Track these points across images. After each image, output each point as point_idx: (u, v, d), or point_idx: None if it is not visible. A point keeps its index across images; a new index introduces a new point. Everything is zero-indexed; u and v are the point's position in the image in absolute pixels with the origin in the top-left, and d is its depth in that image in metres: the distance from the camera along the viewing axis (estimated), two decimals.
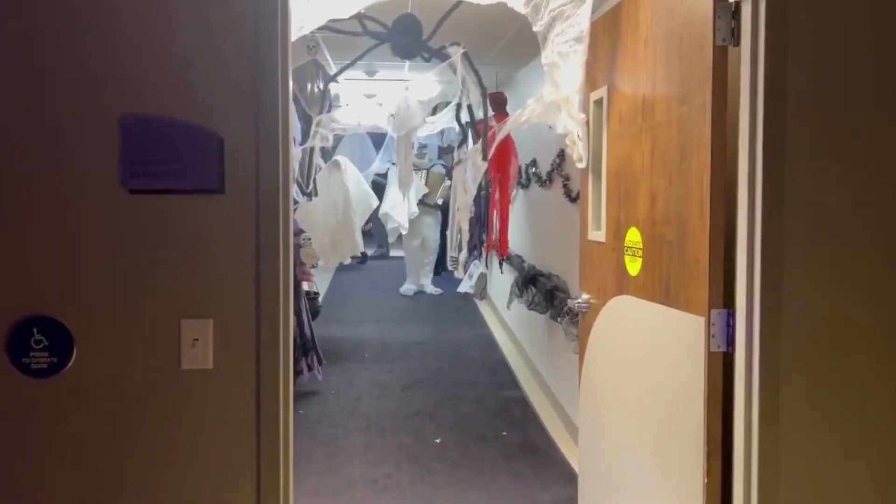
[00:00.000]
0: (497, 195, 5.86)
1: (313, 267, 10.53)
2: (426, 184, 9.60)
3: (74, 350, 1.83)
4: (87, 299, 1.82)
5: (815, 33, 1.91)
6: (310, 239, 5.94)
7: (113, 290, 1.82)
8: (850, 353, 1.96)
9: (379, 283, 10.83)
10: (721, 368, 2.11)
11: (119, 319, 1.83)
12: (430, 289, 9.76)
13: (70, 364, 1.83)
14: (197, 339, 1.83)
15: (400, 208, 8.09)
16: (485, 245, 6.30)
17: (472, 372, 6.32)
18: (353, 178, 6.19)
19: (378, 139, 8.25)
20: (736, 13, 2.02)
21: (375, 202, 6.73)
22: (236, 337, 1.85)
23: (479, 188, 4.67)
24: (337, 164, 6.03)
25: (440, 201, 9.45)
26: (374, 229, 11.26)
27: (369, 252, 11.91)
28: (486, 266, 6.70)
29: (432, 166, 10.04)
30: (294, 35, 2.13)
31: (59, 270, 1.81)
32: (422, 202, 8.90)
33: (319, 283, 10.12)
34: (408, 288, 9.78)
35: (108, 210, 1.82)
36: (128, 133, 1.81)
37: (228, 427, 1.86)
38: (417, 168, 8.71)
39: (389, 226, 8.62)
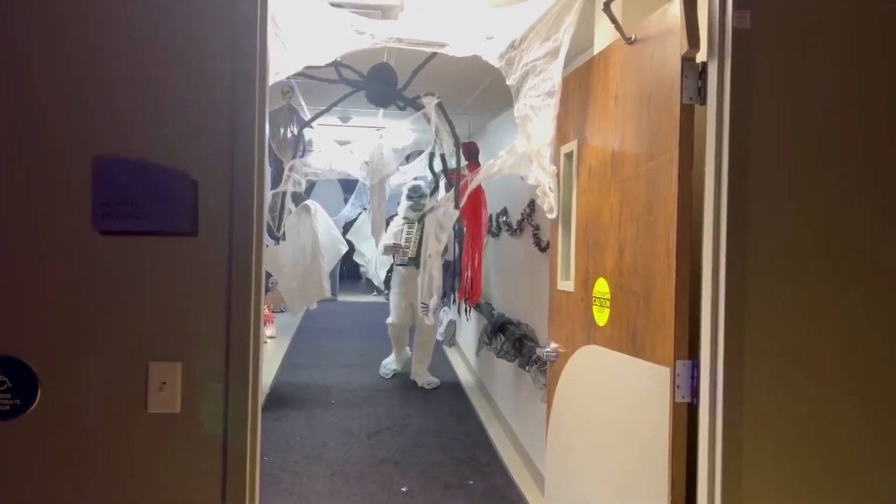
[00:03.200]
0: (469, 244, 5.90)
1: (280, 311, 10.48)
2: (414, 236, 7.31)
3: (39, 392, 1.80)
4: (54, 340, 1.80)
5: (779, 93, 1.98)
6: (276, 282, 5.93)
7: (80, 331, 1.81)
8: (815, 405, 1.99)
9: (344, 326, 10.77)
10: (685, 419, 2.13)
11: (86, 361, 1.81)
12: (427, 379, 7.29)
13: (34, 406, 1.80)
14: (165, 383, 1.81)
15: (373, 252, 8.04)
16: (457, 292, 6.34)
17: (440, 419, 6.27)
18: (323, 223, 6.20)
19: (348, 186, 8.30)
20: (703, 73, 2.09)
21: (344, 248, 6.74)
22: (205, 381, 1.83)
23: (451, 236, 4.71)
24: (307, 209, 6.04)
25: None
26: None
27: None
28: (459, 313, 6.72)
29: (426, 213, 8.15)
30: (270, 80, 2.16)
31: (25, 311, 1.79)
32: (411, 259, 7.18)
33: (284, 328, 10.05)
34: (389, 367, 7.66)
35: (78, 251, 1.81)
36: (100, 174, 1.81)
37: (194, 473, 1.83)
38: (409, 221, 7.25)
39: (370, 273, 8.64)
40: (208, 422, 1.84)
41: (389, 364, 7.75)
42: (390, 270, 7.75)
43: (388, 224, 7.34)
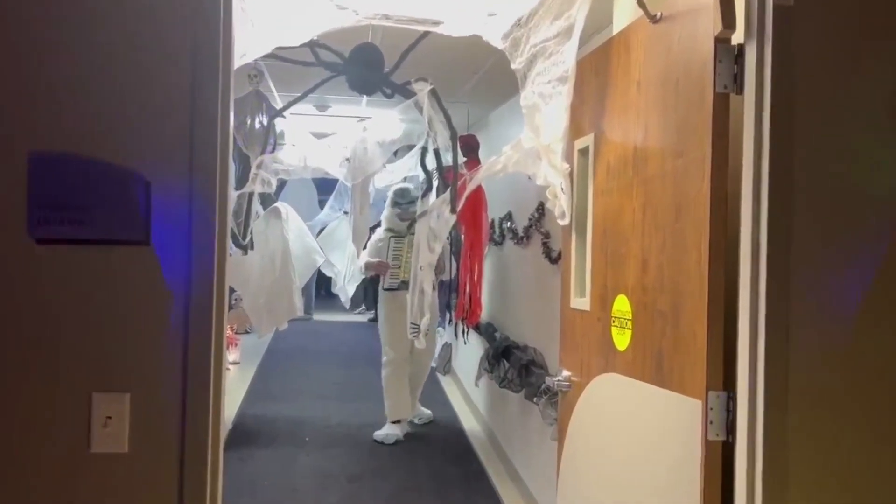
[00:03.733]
0: (468, 254, 5.91)
1: (245, 332, 10.48)
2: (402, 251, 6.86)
3: None
4: None
5: (827, 79, 1.99)
6: (240, 298, 5.92)
7: (11, 356, 1.80)
8: (869, 444, 2.00)
9: (320, 350, 10.77)
10: (719, 460, 2.14)
11: (18, 392, 1.80)
12: (417, 412, 7.20)
13: None
14: (110, 418, 1.81)
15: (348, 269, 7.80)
16: (454, 311, 6.31)
17: (433, 459, 6.26)
18: (296, 229, 6.19)
19: (326, 186, 8.29)
20: (739, 57, 2.10)
21: (321, 258, 6.72)
22: (158, 415, 1.83)
23: (447, 247, 4.72)
24: (277, 212, 6.03)
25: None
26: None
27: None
28: (457, 335, 6.66)
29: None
30: (235, 62, 2.17)
31: None
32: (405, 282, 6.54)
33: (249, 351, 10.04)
34: (389, 433, 6.66)
35: (10, 261, 1.81)
36: (37, 173, 1.81)
37: None
38: (396, 234, 6.79)
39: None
40: (161, 463, 1.83)
41: (391, 433, 6.64)
42: (369, 286, 7.59)
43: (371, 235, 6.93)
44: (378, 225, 7.18)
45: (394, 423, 6.72)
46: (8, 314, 1.81)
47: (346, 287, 7.64)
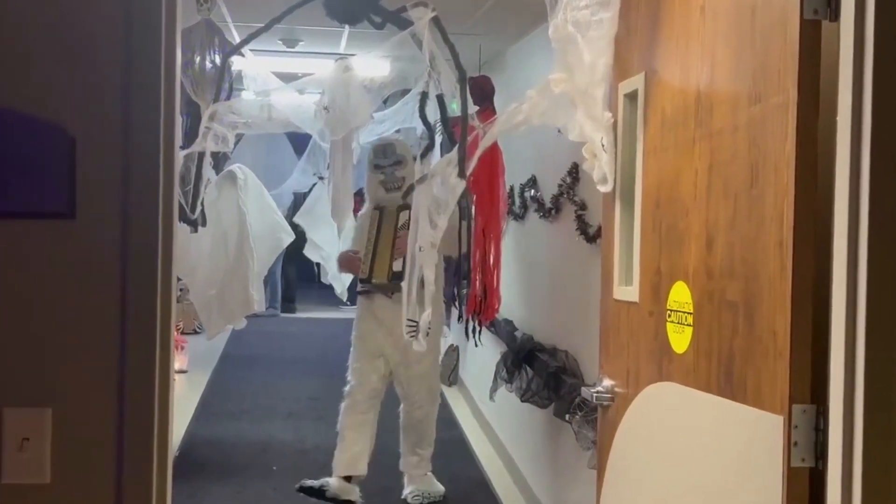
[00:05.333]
0: (482, 230, 5.90)
1: (194, 332, 10.51)
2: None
3: None
4: None
5: None
6: (185, 289, 5.93)
7: None
8: None
9: (290, 355, 10.80)
10: (806, 492, 2.15)
11: None
12: (426, 488, 6.17)
13: None
14: (27, 439, 1.82)
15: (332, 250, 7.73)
16: (464, 304, 6.26)
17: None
18: (256, 199, 6.19)
19: (299, 143, 8.27)
20: None
21: (288, 237, 6.71)
22: (87, 435, 1.84)
23: (458, 219, 4.72)
24: (232, 178, 6.03)
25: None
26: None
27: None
28: (467, 335, 6.58)
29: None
30: None
31: None
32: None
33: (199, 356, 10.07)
34: (328, 488, 6.04)
35: None
36: None
37: None
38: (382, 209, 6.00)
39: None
40: (92, 497, 1.84)
41: (332, 490, 6.00)
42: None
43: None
44: (361, 194, 6.74)
45: (343, 478, 6.01)
46: None
47: (340, 275, 7.62)
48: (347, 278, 7.09)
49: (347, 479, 5.94)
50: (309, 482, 5.86)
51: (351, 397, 6.12)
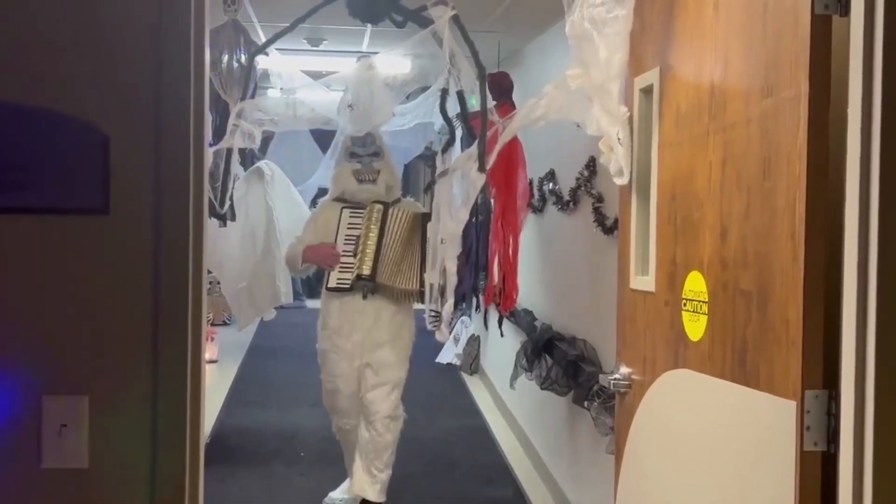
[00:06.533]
0: (500, 223, 5.91)
1: (224, 323, 10.55)
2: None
3: None
4: None
5: None
6: (216, 282, 5.95)
7: None
8: None
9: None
10: (819, 475, 2.15)
11: None
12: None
13: None
14: (65, 426, 1.84)
15: None
16: (482, 294, 6.25)
17: (457, 481, 6.32)
18: (283, 194, 6.21)
19: (323, 141, 8.28)
20: None
21: None
22: (123, 422, 1.86)
23: (474, 213, 4.71)
24: (259, 174, 6.05)
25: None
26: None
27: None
28: (487, 325, 6.55)
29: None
30: None
31: None
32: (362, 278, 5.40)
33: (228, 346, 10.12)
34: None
35: None
36: None
37: None
38: (353, 206, 5.47)
39: None
40: (128, 481, 1.87)
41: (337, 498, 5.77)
42: None
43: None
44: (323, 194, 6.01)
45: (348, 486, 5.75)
46: None
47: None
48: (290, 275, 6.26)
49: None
50: (338, 500, 5.60)
51: (334, 413, 5.62)
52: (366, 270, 5.28)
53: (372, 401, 5.37)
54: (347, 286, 5.32)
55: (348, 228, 5.40)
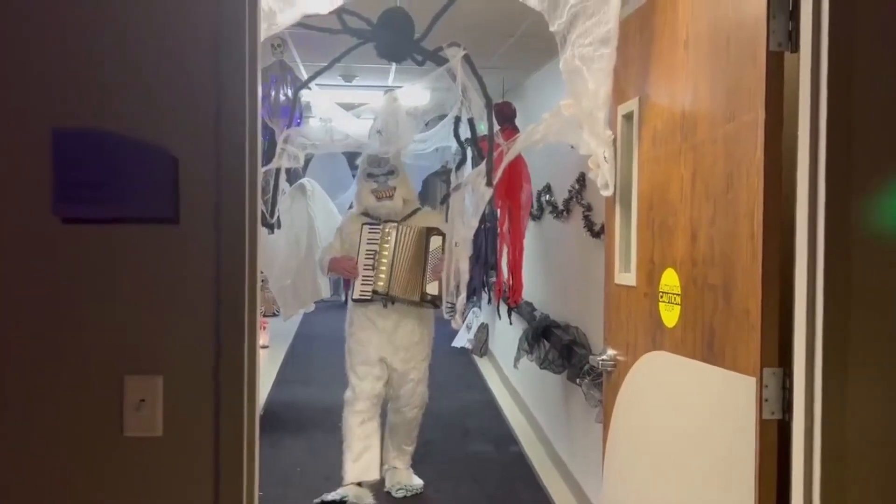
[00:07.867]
0: (506, 228, 5.91)
1: (273, 315, 10.57)
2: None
3: None
4: (8, 353, 1.85)
5: (889, 36, 1.96)
6: (266, 280, 5.98)
7: (40, 341, 1.85)
8: None
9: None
10: (775, 439, 2.15)
11: (47, 377, 1.85)
12: (406, 482, 5.45)
13: None
14: (143, 400, 1.86)
15: None
16: (492, 290, 6.25)
17: (470, 446, 6.32)
18: (321, 207, 6.24)
19: (356, 160, 8.30)
20: (794, 12, 2.08)
21: None
22: (191, 397, 1.88)
23: (483, 220, 4.71)
24: (302, 189, 6.08)
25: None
26: None
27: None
28: (499, 315, 6.54)
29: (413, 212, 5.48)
30: (262, 33, 2.19)
31: None
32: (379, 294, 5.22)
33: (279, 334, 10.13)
34: (339, 498, 5.20)
35: (36, 242, 1.85)
36: (61, 150, 1.84)
37: None
38: (372, 223, 5.30)
39: None
40: (196, 447, 1.88)
41: (342, 498, 5.18)
42: None
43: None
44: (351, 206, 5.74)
45: (356, 485, 5.21)
46: (37, 297, 1.86)
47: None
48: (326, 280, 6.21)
49: (358, 484, 5.19)
50: (329, 497, 5.15)
51: (354, 405, 5.28)
52: (381, 285, 5.15)
53: (399, 397, 5.33)
54: (369, 297, 5.19)
55: (367, 244, 5.23)
